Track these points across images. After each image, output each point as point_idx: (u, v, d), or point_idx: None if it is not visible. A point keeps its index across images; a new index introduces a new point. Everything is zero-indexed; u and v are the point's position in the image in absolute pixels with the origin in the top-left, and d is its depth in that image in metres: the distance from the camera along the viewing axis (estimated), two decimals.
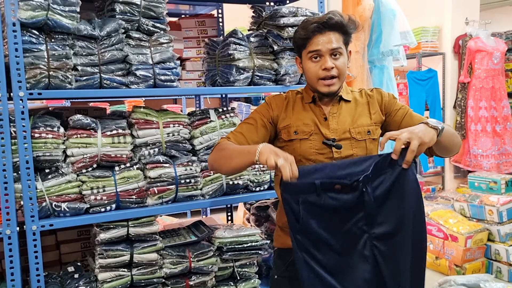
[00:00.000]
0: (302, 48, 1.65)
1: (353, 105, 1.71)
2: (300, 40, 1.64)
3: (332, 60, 1.59)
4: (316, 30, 1.59)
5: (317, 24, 1.59)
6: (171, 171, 2.09)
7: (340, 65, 1.61)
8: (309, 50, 1.61)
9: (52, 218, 1.92)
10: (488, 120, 4.83)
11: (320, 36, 1.59)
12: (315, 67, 1.61)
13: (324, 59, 1.59)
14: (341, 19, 1.60)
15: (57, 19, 1.82)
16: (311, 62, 1.62)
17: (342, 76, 1.63)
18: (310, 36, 1.60)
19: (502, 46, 4.97)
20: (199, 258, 2.14)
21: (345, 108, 1.69)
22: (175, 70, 2.12)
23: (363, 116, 1.69)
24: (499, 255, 3.41)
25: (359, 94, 1.75)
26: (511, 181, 4.02)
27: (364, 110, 1.70)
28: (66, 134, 1.92)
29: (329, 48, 1.58)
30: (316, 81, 1.63)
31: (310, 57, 1.62)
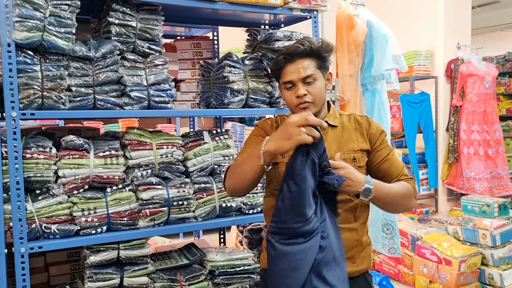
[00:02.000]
0: (278, 78, 1.68)
1: (339, 130, 1.69)
2: (274, 72, 1.68)
3: (305, 87, 1.59)
4: (285, 61, 1.61)
5: (284, 56, 1.61)
6: (163, 193, 2.07)
7: (313, 90, 1.59)
8: (282, 81, 1.64)
9: (42, 240, 1.89)
10: (480, 143, 4.86)
11: (290, 65, 1.60)
12: (290, 96, 1.62)
13: (296, 87, 1.60)
14: (309, 45, 1.59)
15: (53, 40, 1.83)
16: (287, 91, 1.63)
17: (318, 100, 1.61)
18: (281, 67, 1.62)
19: (494, 71, 5.04)
20: (190, 282, 2.11)
21: (331, 134, 1.67)
22: (170, 92, 2.12)
23: (349, 143, 1.67)
24: (493, 280, 3.39)
25: (348, 118, 1.73)
26: (504, 205, 4.03)
27: (351, 137, 1.68)
28: (58, 154, 1.91)
29: (300, 77, 1.59)
30: (293, 108, 1.64)
31: (285, 87, 1.63)
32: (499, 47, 8.72)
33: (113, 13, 2.02)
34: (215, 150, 2.25)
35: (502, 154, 5.03)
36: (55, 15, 1.83)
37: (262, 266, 1.76)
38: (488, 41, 8.43)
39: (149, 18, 2.09)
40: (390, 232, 3.48)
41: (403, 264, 3.87)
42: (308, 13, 2.45)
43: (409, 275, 3.80)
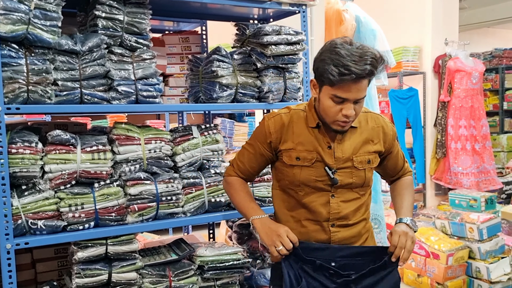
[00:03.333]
0: (326, 83, 1.51)
1: (358, 131, 1.68)
2: (328, 77, 1.47)
3: (354, 106, 1.53)
4: (352, 80, 1.46)
5: (355, 76, 1.45)
6: (152, 188, 2.06)
7: (358, 110, 1.56)
8: (334, 94, 1.51)
9: (28, 236, 1.87)
10: (467, 138, 4.92)
11: (353, 85, 1.48)
12: (335, 109, 1.53)
13: (347, 106, 1.51)
14: (377, 65, 1.48)
15: (38, 34, 1.80)
16: (332, 102, 1.53)
17: (356, 116, 1.59)
18: (343, 83, 1.47)
19: (481, 67, 5.09)
20: (179, 277, 2.10)
21: (350, 135, 1.66)
22: (158, 86, 2.11)
23: (366, 144, 1.68)
24: (480, 273, 3.43)
25: (365, 117, 1.71)
26: (490, 199, 4.08)
27: (368, 138, 1.69)
28: (44, 149, 1.88)
29: (356, 97, 1.51)
30: (330, 120, 1.57)
31: (332, 97, 1.52)
32: (486, 43, 8.82)
33: (99, 6, 1.99)
34: (204, 145, 2.24)
35: (489, 149, 5.09)
36: (40, 8, 1.80)
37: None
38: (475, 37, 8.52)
39: (137, 11, 2.07)
40: (378, 227, 3.50)
41: None
42: (297, 7, 2.45)
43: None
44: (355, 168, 1.65)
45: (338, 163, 1.63)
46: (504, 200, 5.07)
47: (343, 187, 1.65)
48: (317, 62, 1.55)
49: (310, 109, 1.67)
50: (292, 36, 2.33)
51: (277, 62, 2.33)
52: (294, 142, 1.65)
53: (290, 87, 2.41)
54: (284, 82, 2.39)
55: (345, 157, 1.64)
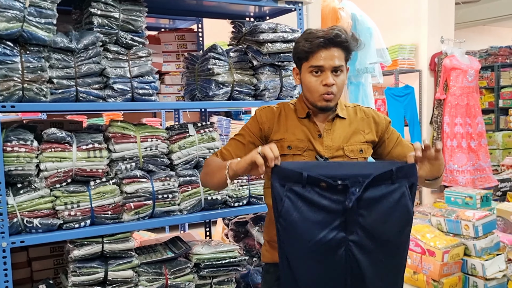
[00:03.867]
0: (303, 60, 1.61)
1: (347, 122, 1.69)
2: (302, 52, 1.59)
3: (333, 77, 1.57)
4: (321, 45, 1.55)
5: (323, 39, 1.55)
6: (148, 186, 2.05)
7: (340, 82, 1.59)
8: (311, 64, 1.58)
9: (24, 234, 1.86)
10: (463, 136, 4.93)
11: (324, 51, 1.55)
12: (316, 82, 1.58)
13: (325, 75, 1.57)
14: (347, 36, 1.57)
15: (33, 31, 1.79)
16: (312, 76, 1.59)
17: (339, 93, 1.62)
18: (314, 50, 1.56)
19: (476, 64, 5.11)
20: (175, 275, 2.10)
21: (339, 125, 1.68)
22: (154, 84, 2.10)
23: (357, 134, 1.69)
24: (475, 270, 3.44)
25: (354, 110, 1.74)
26: (486, 196, 4.09)
27: (358, 128, 1.70)
28: (40, 148, 1.88)
29: (332, 65, 1.56)
30: (315, 96, 1.60)
31: (311, 71, 1.58)
32: (482, 41, 8.85)
33: (95, 3, 1.98)
34: (200, 143, 2.24)
35: (485, 146, 5.11)
36: (35, 5, 1.80)
37: (264, 260, 1.75)
38: (471, 35, 8.54)
39: (132, 9, 2.06)
40: None
41: None
42: (293, 5, 2.45)
43: None
44: (347, 157, 1.65)
45: (329, 151, 1.63)
46: (499, 198, 5.09)
47: None
48: (294, 50, 1.65)
49: (300, 101, 1.71)
50: (288, 34, 2.33)
51: (273, 59, 2.33)
52: (285, 132, 1.66)
53: (286, 85, 2.41)
54: (280, 80, 2.39)
55: (336, 145, 1.64)
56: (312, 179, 1.35)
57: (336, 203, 1.36)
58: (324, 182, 1.35)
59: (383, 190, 1.38)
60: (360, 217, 1.38)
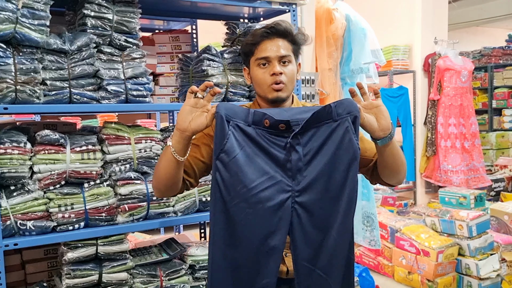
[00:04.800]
0: (250, 55, 1.60)
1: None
2: (248, 46, 1.59)
3: (281, 66, 1.55)
4: (264, 35, 1.55)
5: (265, 30, 1.56)
6: (142, 188, 2.05)
7: (288, 72, 1.56)
8: (257, 57, 1.56)
9: (17, 237, 1.85)
10: (457, 136, 4.96)
11: (269, 42, 1.55)
12: (264, 74, 1.55)
13: (272, 65, 1.54)
14: (289, 27, 1.58)
15: (26, 33, 1.78)
16: (260, 69, 1.56)
17: (290, 84, 1.57)
18: (258, 42, 1.56)
19: (470, 65, 5.14)
20: (170, 277, 2.10)
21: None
22: (148, 86, 2.10)
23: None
24: (470, 270, 3.46)
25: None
26: (480, 196, 4.12)
27: None
28: (33, 150, 1.87)
29: (277, 54, 1.54)
30: (264, 88, 1.56)
31: (258, 64, 1.56)
32: (475, 42, 8.90)
33: (88, 5, 1.98)
34: None
35: (478, 147, 5.14)
36: (28, 6, 1.79)
37: None
38: (465, 36, 8.59)
39: (126, 10, 2.06)
40: (370, 225, 3.52)
41: (383, 256, 3.92)
42: (287, 6, 2.45)
43: (388, 267, 3.86)
44: None
45: None
46: (493, 197, 5.12)
47: None
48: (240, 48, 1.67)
49: (253, 102, 1.68)
50: None
51: None
52: None
53: None
54: None
55: None
56: (258, 114, 1.38)
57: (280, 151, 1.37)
58: (267, 119, 1.37)
59: (325, 130, 1.38)
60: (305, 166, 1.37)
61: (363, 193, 3.44)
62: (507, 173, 5.52)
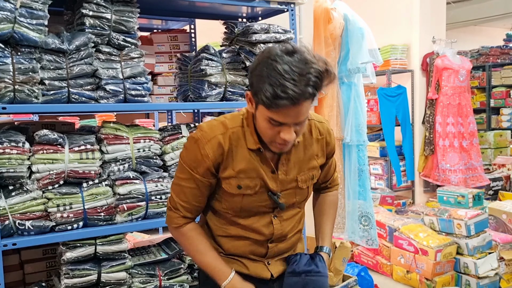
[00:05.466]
0: (261, 103, 1.28)
1: (301, 147, 1.51)
2: (262, 98, 1.25)
3: (295, 128, 1.32)
4: (290, 103, 1.24)
5: (291, 100, 1.22)
6: (141, 187, 2.05)
7: (300, 131, 1.36)
8: (270, 117, 1.29)
9: (16, 236, 1.85)
10: (455, 135, 4.96)
11: (291, 108, 1.25)
12: (272, 131, 1.33)
13: (285, 129, 1.31)
14: (321, 83, 1.27)
15: (24, 32, 1.78)
16: (268, 124, 1.32)
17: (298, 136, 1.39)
18: (279, 106, 1.24)
19: (468, 64, 5.14)
20: (169, 276, 2.10)
21: (294, 153, 1.49)
22: (146, 85, 2.10)
23: (310, 160, 1.54)
24: (468, 268, 3.47)
25: (309, 127, 1.53)
26: (478, 195, 4.12)
27: (312, 153, 1.54)
28: (32, 149, 1.87)
29: (295, 122, 1.31)
30: (268, 141, 1.38)
31: (269, 120, 1.30)
32: (473, 41, 8.92)
33: (86, 4, 1.98)
34: None
35: (476, 146, 5.15)
36: (26, 6, 1.79)
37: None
38: (462, 36, 8.60)
39: (124, 10, 2.06)
40: (367, 224, 3.52)
41: (381, 255, 3.92)
42: (285, 6, 2.45)
43: (387, 266, 3.86)
44: (299, 189, 1.53)
45: (282, 185, 1.49)
46: (491, 196, 5.13)
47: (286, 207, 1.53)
48: (253, 76, 1.31)
49: (249, 126, 1.44)
50: (280, 34, 2.34)
51: None
52: (235, 170, 1.43)
53: None
54: None
55: (289, 178, 1.50)
56: None
57: None
58: None
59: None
60: None
61: (359, 192, 3.44)
62: (505, 172, 5.52)
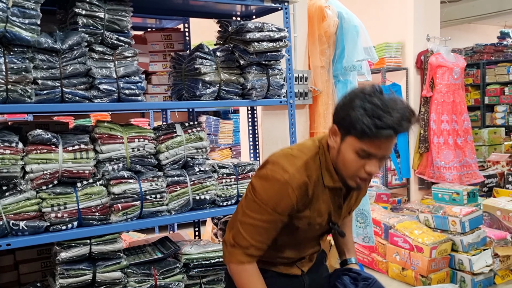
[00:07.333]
0: (354, 134, 1.31)
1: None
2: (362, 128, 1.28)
3: (379, 163, 1.37)
4: (387, 136, 1.28)
5: (394, 130, 1.28)
6: (136, 187, 2.04)
7: (382, 165, 1.41)
8: (362, 148, 1.32)
9: (10, 237, 1.84)
10: (449, 133, 4.98)
11: (385, 140, 1.30)
12: (358, 164, 1.35)
13: (372, 163, 1.34)
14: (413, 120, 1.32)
15: (16, 32, 1.77)
16: (356, 156, 1.34)
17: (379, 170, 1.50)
18: (376, 136, 1.28)
19: (462, 62, 5.16)
20: (165, 275, 2.10)
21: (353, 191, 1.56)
22: (140, 84, 2.09)
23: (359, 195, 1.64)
24: (463, 265, 3.48)
25: None
26: (472, 192, 4.14)
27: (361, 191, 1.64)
28: (25, 149, 1.86)
29: (384, 154, 1.35)
30: (349, 174, 1.39)
31: (359, 151, 1.33)
32: (467, 39, 8.95)
33: (79, 3, 1.97)
34: (188, 143, 2.23)
35: (471, 143, 5.17)
36: (18, 5, 1.78)
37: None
38: (457, 33, 8.63)
39: (117, 8, 2.05)
40: (364, 222, 3.53)
41: (377, 252, 3.94)
42: (279, 4, 2.45)
43: (382, 263, 3.87)
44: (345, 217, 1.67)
45: (340, 217, 1.58)
46: (485, 193, 5.15)
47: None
48: (346, 109, 1.33)
49: (328, 165, 1.45)
50: (274, 33, 2.34)
51: (260, 59, 2.34)
52: (312, 210, 1.46)
53: (273, 84, 2.42)
54: (267, 79, 2.40)
55: (346, 211, 1.60)
56: None
57: None
58: None
59: None
60: None
61: None
62: (499, 169, 5.55)
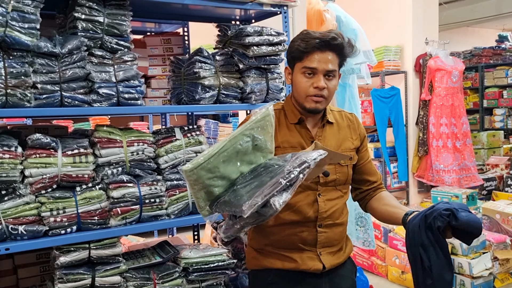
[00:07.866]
0: (296, 60, 1.59)
1: (335, 127, 1.70)
2: (297, 52, 1.57)
3: (325, 81, 1.56)
4: (317, 46, 1.54)
5: (319, 41, 1.54)
6: (135, 191, 2.04)
7: (331, 87, 1.58)
8: (304, 65, 1.56)
9: (9, 241, 1.84)
10: (448, 136, 4.99)
11: (320, 53, 1.54)
12: (307, 83, 1.57)
13: (317, 78, 1.56)
14: (343, 41, 1.57)
15: (16, 36, 1.77)
16: (304, 77, 1.57)
17: (330, 98, 1.62)
18: (309, 51, 1.55)
19: (460, 65, 5.17)
20: (164, 279, 2.09)
21: (329, 131, 1.68)
22: (140, 88, 2.09)
23: (346, 141, 1.70)
24: (462, 268, 3.48)
25: (339, 115, 1.74)
26: (472, 195, 4.15)
27: (346, 134, 1.71)
28: (24, 154, 1.85)
29: (325, 68, 1.55)
30: (303, 97, 1.59)
31: (304, 72, 1.57)
32: (466, 42, 8.98)
33: (79, 8, 1.97)
34: (187, 147, 2.23)
35: (470, 146, 5.18)
36: (18, 10, 1.78)
37: (251, 267, 1.75)
38: (455, 37, 8.66)
39: (117, 13, 2.05)
40: (364, 225, 3.53)
41: (376, 256, 3.94)
42: (278, 8, 2.46)
43: (382, 267, 3.87)
44: (338, 165, 1.65)
45: None
46: (484, 196, 5.15)
47: (327, 185, 1.64)
48: (288, 48, 1.64)
49: (288, 104, 1.68)
50: (273, 37, 2.34)
51: (259, 63, 2.34)
52: (279, 140, 1.61)
53: (272, 88, 2.42)
54: (266, 83, 2.40)
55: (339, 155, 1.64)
56: None
57: None
58: None
59: None
60: None
61: None
62: (498, 172, 5.56)
